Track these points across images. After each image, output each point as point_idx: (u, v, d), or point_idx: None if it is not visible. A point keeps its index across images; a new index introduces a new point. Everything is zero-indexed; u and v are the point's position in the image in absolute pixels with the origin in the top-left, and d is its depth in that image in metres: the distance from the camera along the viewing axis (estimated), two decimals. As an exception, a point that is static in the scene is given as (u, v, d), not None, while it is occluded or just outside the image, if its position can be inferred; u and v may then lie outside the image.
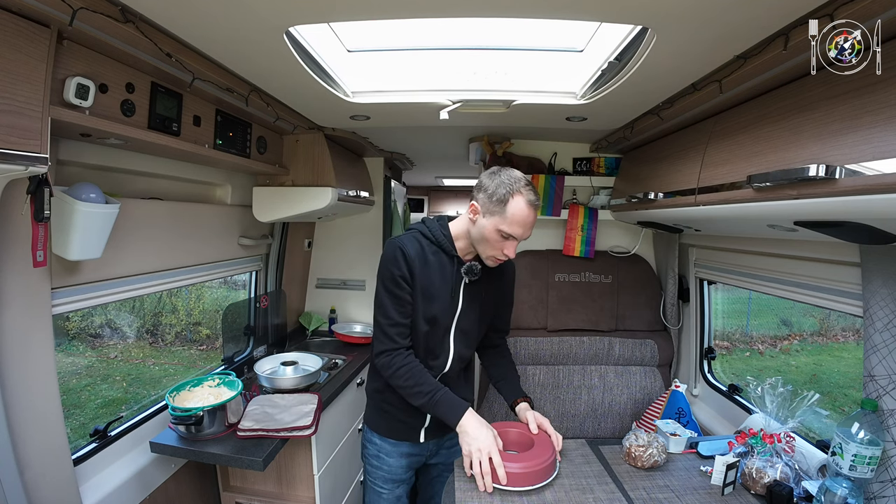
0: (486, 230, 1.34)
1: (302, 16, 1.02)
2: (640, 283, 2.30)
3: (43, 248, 1.13)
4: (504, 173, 1.33)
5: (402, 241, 1.40)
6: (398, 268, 1.37)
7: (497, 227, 1.31)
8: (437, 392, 1.35)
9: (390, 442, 1.54)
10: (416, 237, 1.43)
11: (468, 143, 2.59)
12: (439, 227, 1.44)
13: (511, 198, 1.29)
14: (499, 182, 1.31)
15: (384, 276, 1.39)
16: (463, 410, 1.34)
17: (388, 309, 1.38)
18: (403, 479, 1.57)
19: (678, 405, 1.90)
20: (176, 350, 3.89)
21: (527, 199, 1.30)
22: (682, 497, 1.25)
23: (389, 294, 1.38)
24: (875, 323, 1.14)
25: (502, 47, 1.39)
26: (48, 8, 0.89)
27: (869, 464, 1.08)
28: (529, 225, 1.33)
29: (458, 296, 1.45)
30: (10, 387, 1.15)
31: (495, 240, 1.34)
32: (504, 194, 1.30)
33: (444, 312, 1.44)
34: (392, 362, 1.37)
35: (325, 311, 3.02)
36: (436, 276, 1.41)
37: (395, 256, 1.37)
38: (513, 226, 1.30)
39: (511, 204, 1.29)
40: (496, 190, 1.31)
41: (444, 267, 1.42)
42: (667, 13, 0.93)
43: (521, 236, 1.33)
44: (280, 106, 1.73)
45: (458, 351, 1.49)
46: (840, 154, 0.89)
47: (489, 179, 1.34)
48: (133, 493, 1.55)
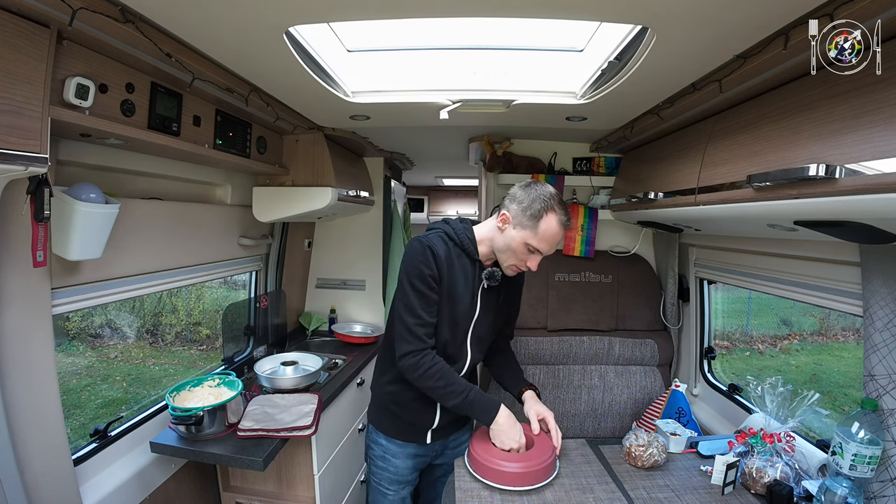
0: (513, 241, 1.33)
1: (302, 16, 1.02)
2: (640, 283, 2.30)
3: (43, 248, 1.13)
4: (539, 187, 1.33)
5: (431, 240, 1.38)
6: (428, 266, 1.35)
7: (526, 240, 1.32)
8: (470, 391, 1.36)
9: (397, 443, 1.53)
10: (441, 238, 1.40)
11: (468, 143, 2.59)
12: (464, 230, 1.42)
13: (545, 214, 1.30)
14: (535, 196, 1.31)
15: (412, 274, 1.35)
16: (497, 408, 1.36)
17: (416, 308, 1.35)
18: (409, 480, 1.57)
19: (678, 405, 1.90)
20: (176, 350, 3.89)
21: (559, 218, 1.30)
22: (682, 497, 1.25)
23: (417, 293, 1.35)
24: (875, 322, 1.14)
25: (502, 47, 1.39)
26: (48, 8, 0.89)
27: (869, 463, 1.08)
28: (556, 243, 1.34)
29: (476, 301, 1.45)
30: (10, 387, 1.14)
31: (521, 252, 1.34)
32: (539, 210, 1.30)
33: (464, 317, 1.44)
34: (421, 363, 1.34)
35: (325, 311, 3.02)
36: (460, 279, 1.40)
37: (426, 255, 1.35)
38: (542, 242, 1.31)
39: (544, 220, 1.30)
40: (531, 204, 1.30)
41: (466, 270, 1.42)
42: (667, 13, 0.93)
43: (547, 252, 1.34)
44: (280, 106, 1.73)
45: (473, 356, 1.49)
46: (840, 154, 0.89)
47: (524, 192, 1.33)
48: (133, 493, 1.55)
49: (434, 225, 1.47)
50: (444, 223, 1.46)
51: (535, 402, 1.48)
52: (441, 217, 1.59)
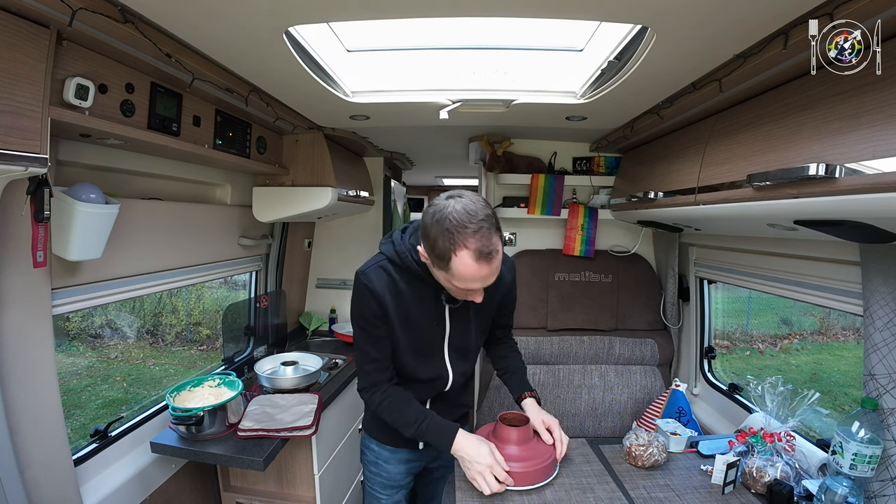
0: (440, 280, 1.16)
1: (302, 16, 1.02)
2: (640, 283, 2.30)
3: (43, 248, 1.13)
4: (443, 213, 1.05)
5: (368, 276, 1.24)
6: (366, 305, 1.24)
7: (449, 280, 1.12)
8: (422, 421, 1.27)
9: (388, 448, 1.49)
10: (383, 266, 1.25)
11: (468, 143, 2.59)
12: (409, 252, 1.22)
13: (453, 254, 1.04)
14: (437, 231, 1.05)
15: (354, 313, 1.28)
16: (453, 434, 1.26)
17: (363, 345, 1.29)
18: (402, 484, 1.54)
19: (678, 404, 1.90)
20: (176, 350, 3.89)
21: (475, 252, 1.03)
22: (682, 496, 1.25)
23: (360, 329, 1.28)
24: (875, 322, 1.14)
25: (502, 47, 1.39)
26: (48, 8, 0.89)
27: (869, 462, 1.08)
28: (486, 276, 1.09)
29: (443, 321, 1.32)
30: (10, 387, 1.15)
31: (454, 290, 1.16)
32: (444, 250, 1.05)
33: (430, 340, 1.33)
34: (372, 399, 1.31)
35: (325, 311, 3.02)
36: (413, 307, 1.26)
37: (362, 295, 1.24)
38: (464, 282, 1.09)
39: (455, 263, 1.05)
40: (435, 242, 1.06)
41: (421, 295, 1.26)
42: (666, 12, 0.93)
43: (482, 286, 1.13)
44: (280, 106, 1.73)
45: (457, 369, 1.39)
46: (840, 153, 0.89)
47: (429, 220, 1.08)
48: (133, 494, 1.55)
49: (381, 244, 1.31)
50: (389, 242, 1.27)
51: (540, 410, 1.40)
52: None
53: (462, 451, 1.24)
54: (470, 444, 1.25)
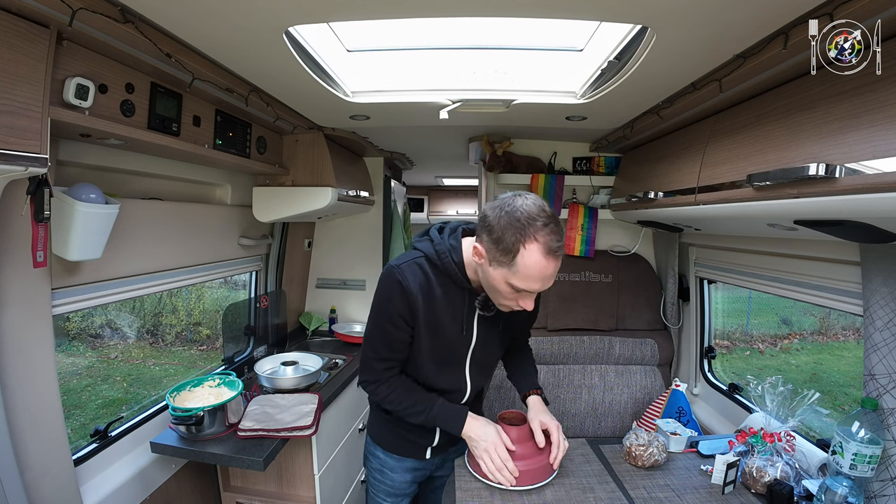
0: (493, 280, 1.07)
1: (302, 16, 1.02)
2: (640, 283, 2.30)
3: (43, 248, 1.13)
4: (511, 205, 1.02)
5: (403, 272, 1.16)
6: (395, 304, 1.16)
7: (507, 280, 1.05)
8: (432, 407, 1.26)
9: (395, 457, 1.46)
10: (420, 264, 1.19)
11: (468, 143, 2.59)
12: (449, 252, 1.17)
13: (522, 247, 0.99)
14: (506, 222, 1.01)
15: (379, 310, 1.19)
16: (463, 417, 1.27)
17: (378, 344, 1.22)
18: (407, 492, 1.52)
19: (678, 404, 1.90)
20: (176, 350, 3.89)
21: (545, 246, 0.99)
22: (682, 496, 1.25)
23: (381, 331, 1.20)
24: (875, 321, 1.14)
25: (502, 47, 1.39)
26: (48, 8, 0.89)
27: (869, 462, 1.08)
28: (550, 276, 1.04)
29: (471, 329, 1.25)
30: (10, 387, 1.14)
31: (507, 292, 1.08)
32: (512, 242, 1.00)
33: (455, 349, 1.27)
34: (377, 391, 1.27)
35: (325, 311, 3.02)
36: (444, 312, 1.20)
37: (392, 292, 1.16)
38: (526, 281, 1.03)
39: (523, 254, 1.00)
40: (502, 235, 1.01)
41: (453, 299, 1.20)
42: (666, 12, 0.93)
43: (541, 289, 1.07)
44: (280, 106, 1.73)
45: (475, 383, 1.36)
46: (840, 153, 0.89)
47: (494, 214, 1.03)
48: (134, 494, 1.55)
49: (417, 242, 1.25)
50: (426, 240, 1.22)
51: (542, 410, 1.35)
52: (441, 218, 1.55)
53: (471, 432, 1.27)
54: (479, 424, 1.29)
